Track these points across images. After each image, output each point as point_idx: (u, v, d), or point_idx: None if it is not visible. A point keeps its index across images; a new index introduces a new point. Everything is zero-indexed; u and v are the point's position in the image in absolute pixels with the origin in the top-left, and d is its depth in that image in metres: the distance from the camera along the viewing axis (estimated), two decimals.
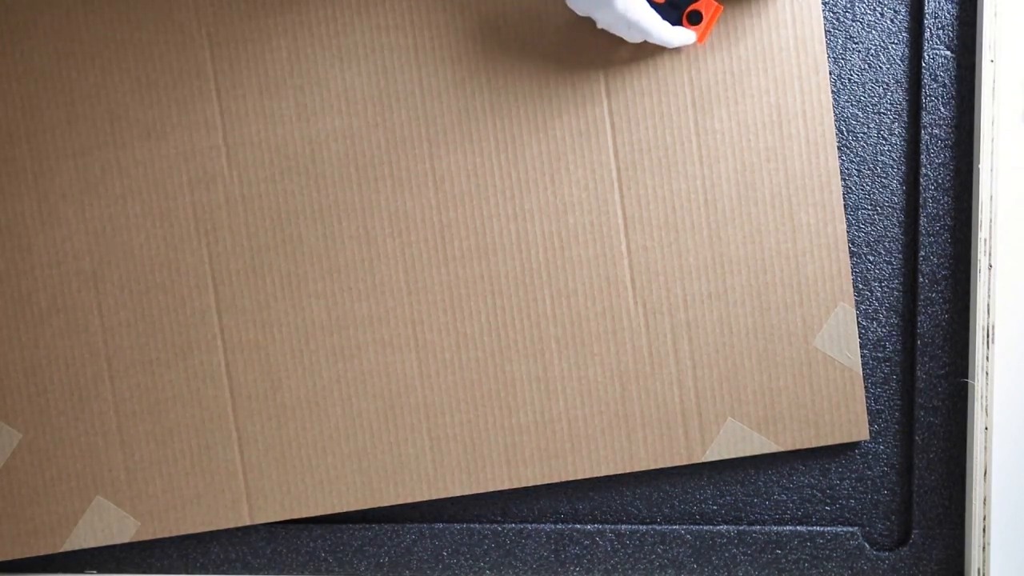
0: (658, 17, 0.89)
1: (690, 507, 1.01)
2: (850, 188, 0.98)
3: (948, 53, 0.97)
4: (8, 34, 0.98)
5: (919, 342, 0.98)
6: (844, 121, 0.98)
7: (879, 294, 0.99)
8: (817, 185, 0.96)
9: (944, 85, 0.97)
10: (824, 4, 0.97)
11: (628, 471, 0.98)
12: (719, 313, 0.97)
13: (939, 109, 0.97)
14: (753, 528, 1.00)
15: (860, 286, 0.99)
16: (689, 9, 0.92)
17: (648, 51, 0.95)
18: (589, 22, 0.95)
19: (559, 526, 1.01)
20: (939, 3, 0.97)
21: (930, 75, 0.97)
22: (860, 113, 0.98)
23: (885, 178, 0.99)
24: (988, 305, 0.95)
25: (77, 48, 0.98)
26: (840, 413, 0.97)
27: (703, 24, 0.93)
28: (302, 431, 0.99)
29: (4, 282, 0.99)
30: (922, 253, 0.98)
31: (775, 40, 0.95)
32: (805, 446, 0.98)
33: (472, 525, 1.02)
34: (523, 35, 0.96)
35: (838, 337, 0.97)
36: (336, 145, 0.97)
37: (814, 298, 0.96)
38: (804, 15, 0.95)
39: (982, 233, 0.95)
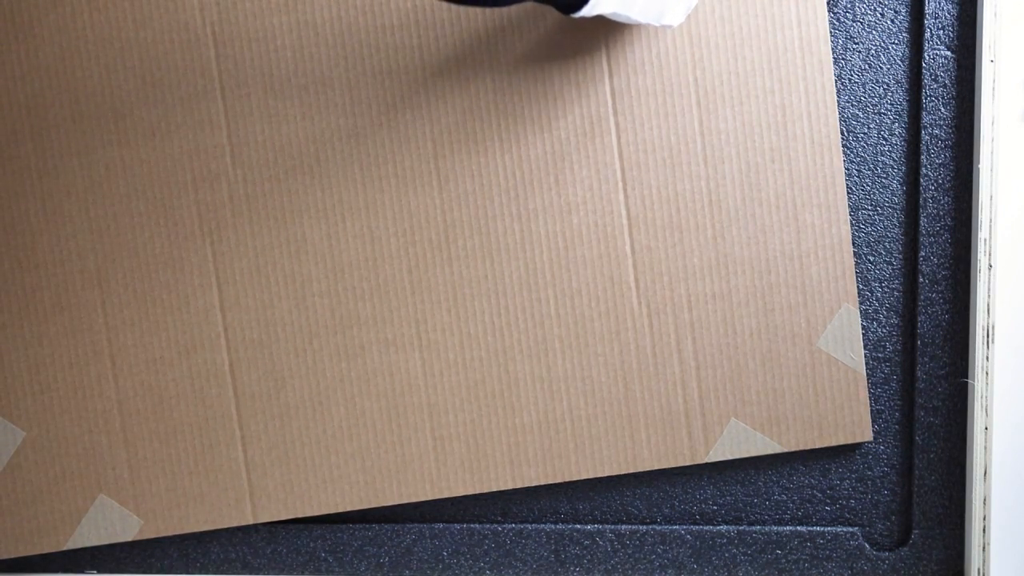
0: None
1: (690, 507, 1.01)
2: (850, 188, 0.98)
3: (948, 53, 0.97)
4: (13, 32, 0.98)
5: (919, 342, 0.98)
6: (844, 121, 0.98)
7: (879, 294, 0.99)
8: (822, 186, 0.96)
9: (944, 85, 0.97)
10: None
11: (631, 471, 0.98)
12: (723, 314, 0.97)
13: (939, 109, 0.98)
14: (753, 528, 1.00)
15: (860, 286, 0.99)
16: None
17: (653, 50, 0.95)
18: (593, 21, 0.95)
19: (559, 526, 1.01)
20: (939, 3, 0.97)
21: (930, 75, 0.97)
22: (860, 113, 0.98)
23: (885, 178, 0.99)
24: (988, 305, 0.96)
25: (82, 46, 0.98)
26: (843, 414, 0.97)
27: None
28: (305, 430, 0.99)
29: (8, 280, 0.99)
30: (922, 253, 0.98)
31: (780, 41, 0.95)
32: (808, 447, 0.98)
33: (472, 525, 1.02)
34: (527, 35, 0.96)
35: (842, 338, 0.97)
36: (340, 144, 0.97)
37: (818, 299, 0.96)
38: (809, 16, 0.95)
39: (982, 233, 0.95)
